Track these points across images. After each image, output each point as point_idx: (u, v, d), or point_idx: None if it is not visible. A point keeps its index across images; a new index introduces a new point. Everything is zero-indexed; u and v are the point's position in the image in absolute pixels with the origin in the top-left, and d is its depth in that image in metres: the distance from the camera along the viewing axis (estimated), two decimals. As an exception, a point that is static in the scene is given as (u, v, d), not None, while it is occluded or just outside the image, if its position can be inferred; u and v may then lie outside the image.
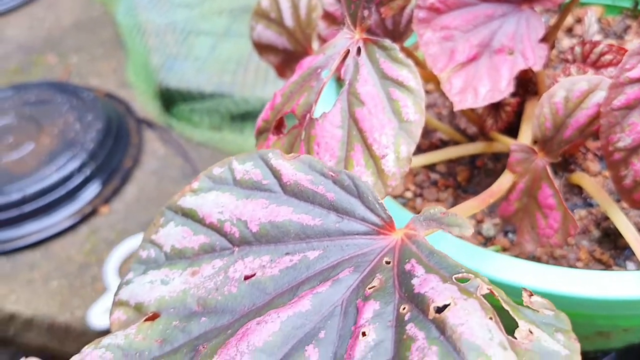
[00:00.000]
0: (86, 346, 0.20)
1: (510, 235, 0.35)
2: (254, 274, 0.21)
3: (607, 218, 0.34)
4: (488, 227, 0.36)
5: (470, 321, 0.15)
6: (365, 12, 0.29)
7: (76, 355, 0.20)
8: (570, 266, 0.33)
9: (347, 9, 0.30)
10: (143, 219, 0.84)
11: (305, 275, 0.20)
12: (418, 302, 0.17)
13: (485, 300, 0.16)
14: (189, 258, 0.23)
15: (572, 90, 0.28)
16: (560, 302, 0.28)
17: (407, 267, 0.19)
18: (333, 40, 0.31)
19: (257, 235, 0.22)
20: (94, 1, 1.34)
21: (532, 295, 0.16)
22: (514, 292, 0.29)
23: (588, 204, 0.36)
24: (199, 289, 0.22)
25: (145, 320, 0.21)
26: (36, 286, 0.78)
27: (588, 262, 0.33)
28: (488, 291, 0.16)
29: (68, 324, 0.73)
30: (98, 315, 0.72)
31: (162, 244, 0.24)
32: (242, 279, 0.21)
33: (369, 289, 0.19)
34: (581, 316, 0.31)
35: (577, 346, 0.15)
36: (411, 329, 0.16)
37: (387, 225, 0.21)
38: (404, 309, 0.17)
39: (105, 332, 0.74)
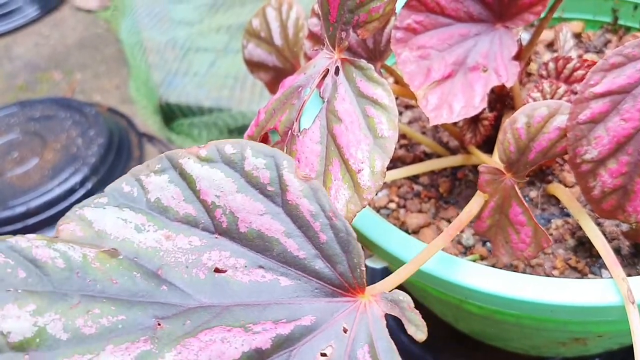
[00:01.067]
0: (39, 237, 0.19)
1: (488, 244, 0.37)
2: (225, 271, 0.22)
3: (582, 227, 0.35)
4: (467, 237, 0.37)
5: None
6: (343, 34, 0.31)
7: (18, 237, 0.19)
8: (547, 274, 0.34)
9: (326, 30, 0.32)
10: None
11: (273, 300, 0.22)
12: None
13: None
14: (170, 219, 0.22)
15: (533, 116, 0.29)
16: (533, 309, 0.30)
17: (359, 354, 0.21)
18: (313, 60, 0.32)
19: (242, 236, 0.22)
20: (98, 20, 1.37)
21: None
22: (489, 300, 0.30)
23: (565, 213, 0.37)
24: (168, 255, 0.21)
25: (105, 251, 0.20)
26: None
27: (564, 270, 0.34)
28: None
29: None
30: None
31: (149, 190, 0.22)
32: (213, 269, 0.21)
33: (321, 355, 0.21)
34: (554, 322, 0.32)
35: None
36: None
37: (358, 287, 0.23)
38: None
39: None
